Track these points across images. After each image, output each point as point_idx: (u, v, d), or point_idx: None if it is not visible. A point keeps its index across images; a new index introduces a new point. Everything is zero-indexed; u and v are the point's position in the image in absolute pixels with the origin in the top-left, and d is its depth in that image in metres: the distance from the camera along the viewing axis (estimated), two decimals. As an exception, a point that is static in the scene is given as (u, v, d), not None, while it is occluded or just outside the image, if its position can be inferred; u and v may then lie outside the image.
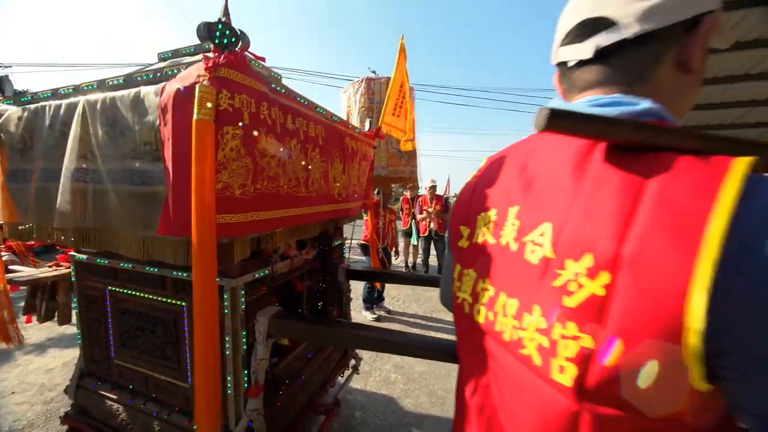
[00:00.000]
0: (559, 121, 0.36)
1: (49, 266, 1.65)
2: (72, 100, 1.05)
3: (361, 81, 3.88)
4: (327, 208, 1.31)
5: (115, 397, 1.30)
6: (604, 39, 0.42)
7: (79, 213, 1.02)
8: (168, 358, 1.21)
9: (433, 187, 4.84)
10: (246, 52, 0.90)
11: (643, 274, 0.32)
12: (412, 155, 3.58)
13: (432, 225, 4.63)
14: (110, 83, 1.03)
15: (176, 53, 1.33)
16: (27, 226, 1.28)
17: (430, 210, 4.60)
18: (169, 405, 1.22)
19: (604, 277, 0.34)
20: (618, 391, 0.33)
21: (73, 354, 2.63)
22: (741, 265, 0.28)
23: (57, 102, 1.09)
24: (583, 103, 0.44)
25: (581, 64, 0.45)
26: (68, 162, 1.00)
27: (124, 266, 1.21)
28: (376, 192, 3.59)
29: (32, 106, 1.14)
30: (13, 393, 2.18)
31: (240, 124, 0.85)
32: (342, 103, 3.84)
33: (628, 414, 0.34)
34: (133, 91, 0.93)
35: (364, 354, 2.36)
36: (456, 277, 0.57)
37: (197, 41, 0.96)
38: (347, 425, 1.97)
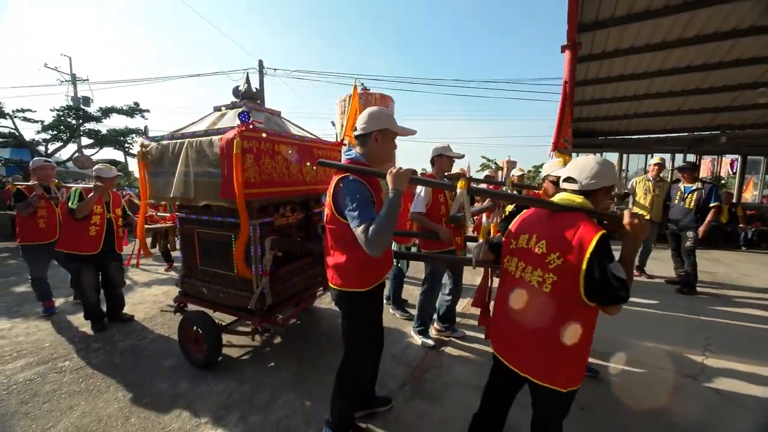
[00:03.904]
0: (320, 163, 1.57)
1: (162, 221, 3.04)
2: (180, 140, 2.31)
3: (360, 96, 4.97)
4: (301, 188, 2.51)
5: (200, 284, 2.58)
6: (355, 133, 1.56)
7: (185, 191, 2.29)
8: (224, 262, 2.43)
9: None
10: (256, 121, 2.09)
11: (330, 198, 1.49)
12: None
13: None
14: (197, 134, 2.27)
15: (222, 107, 2.56)
16: (157, 196, 2.59)
17: None
18: (225, 285, 2.46)
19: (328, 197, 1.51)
20: (329, 219, 1.51)
21: (168, 288, 4.14)
22: (337, 192, 1.44)
23: (173, 141, 2.36)
24: (345, 152, 1.58)
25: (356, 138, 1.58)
26: (180, 168, 2.27)
27: (204, 218, 2.47)
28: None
29: (163, 142, 2.43)
30: (140, 304, 3.68)
31: (252, 153, 2.03)
32: (337, 110, 4.97)
33: (335, 226, 1.50)
34: (208, 138, 2.16)
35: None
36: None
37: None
38: (334, 327, 3.17)
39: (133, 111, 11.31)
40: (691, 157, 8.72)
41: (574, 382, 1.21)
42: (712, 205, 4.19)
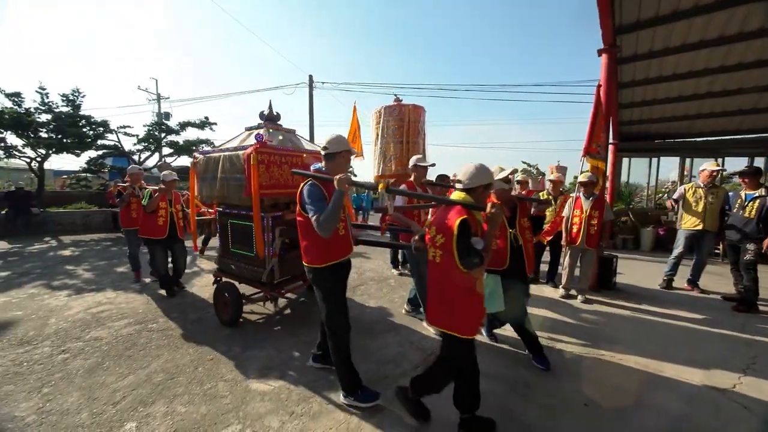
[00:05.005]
0: (294, 173, 2.22)
1: (207, 214, 3.81)
2: (218, 154, 3.04)
3: (394, 107, 5.33)
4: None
5: (231, 262, 3.26)
6: (324, 152, 2.06)
7: (224, 192, 3.00)
8: (247, 244, 3.04)
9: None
10: (270, 138, 2.74)
11: (297, 197, 2.01)
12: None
13: None
14: (230, 149, 2.97)
15: (251, 128, 3.25)
16: (202, 195, 3.33)
17: None
18: (246, 261, 3.11)
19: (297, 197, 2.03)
20: (297, 212, 2.01)
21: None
22: (301, 193, 1.95)
23: (215, 154, 3.11)
24: (312, 165, 2.17)
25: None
26: (220, 174, 2.98)
27: (234, 212, 3.14)
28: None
29: (207, 155, 3.18)
30: (205, 286, 4.44)
31: (264, 163, 2.69)
32: (372, 121, 5.36)
33: (301, 218, 2.00)
34: (237, 153, 2.87)
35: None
36: None
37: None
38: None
39: (203, 124, 13.08)
40: (775, 161, 7.58)
41: (464, 331, 1.68)
42: (780, 214, 3.76)
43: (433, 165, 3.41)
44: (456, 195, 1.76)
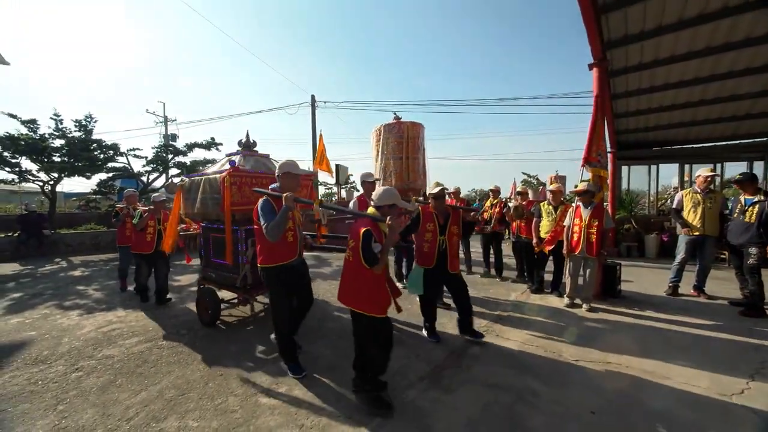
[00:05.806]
0: (254, 191, 2.55)
1: (193, 229, 4.11)
2: (201, 177, 3.38)
3: (393, 125, 5.52)
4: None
5: (211, 271, 3.61)
6: (276, 175, 2.50)
7: (203, 209, 3.33)
8: (222, 253, 3.25)
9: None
10: (244, 161, 3.32)
11: (254, 210, 2.51)
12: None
13: None
14: (211, 175, 3.30)
15: (230, 154, 3.64)
16: (187, 213, 3.62)
17: None
18: (224, 270, 3.41)
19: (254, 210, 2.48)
20: (254, 222, 2.35)
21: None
22: (257, 206, 2.39)
23: (197, 177, 3.43)
24: (270, 186, 2.61)
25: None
26: (200, 194, 3.30)
27: (213, 226, 3.46)
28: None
29: (192, 178, 3.50)
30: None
31: (236, 185, 3.03)
32: (372, 138, 5.53)
33: (256, 226, 2.39)
34: (215, 175, 3.22)
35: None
36: None
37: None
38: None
39: (209, 145, 13.44)
40: (774, 165, 7.61)
41: (368, 310, 2.15)
42: (779, 218, 3.79)
43: (378, 179, 4.13)
44: (370, 210, 2.24)
